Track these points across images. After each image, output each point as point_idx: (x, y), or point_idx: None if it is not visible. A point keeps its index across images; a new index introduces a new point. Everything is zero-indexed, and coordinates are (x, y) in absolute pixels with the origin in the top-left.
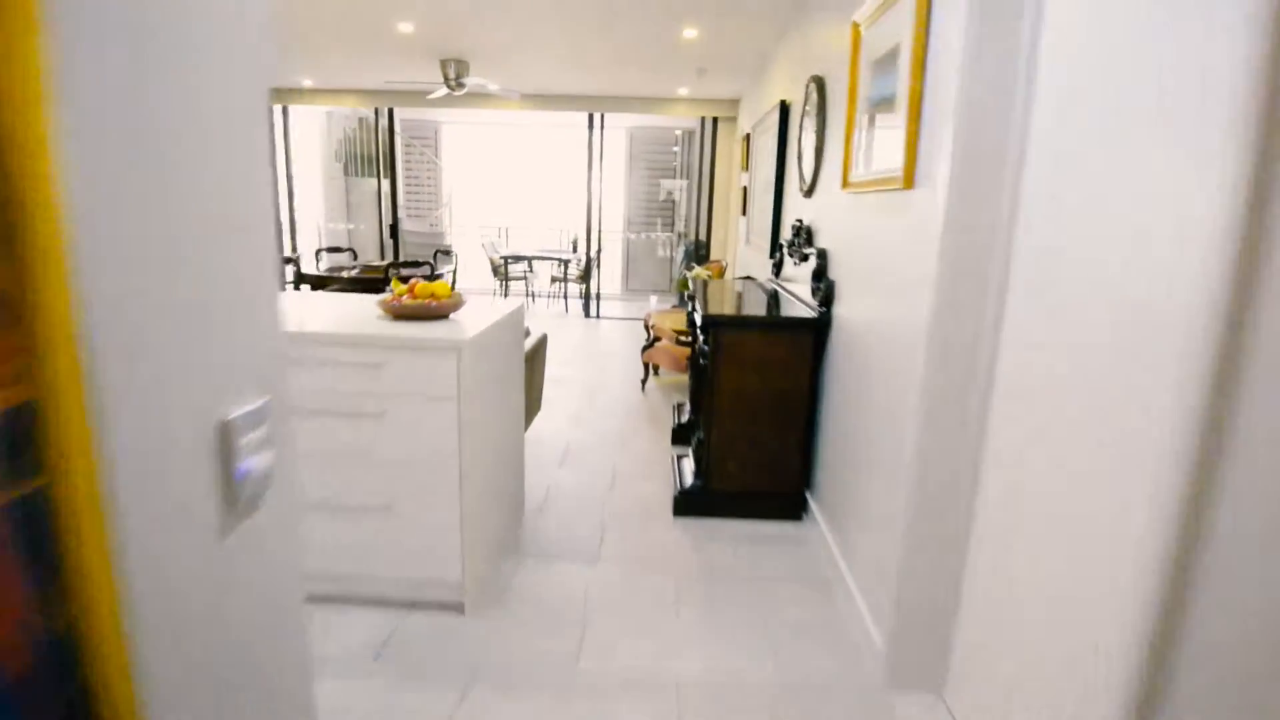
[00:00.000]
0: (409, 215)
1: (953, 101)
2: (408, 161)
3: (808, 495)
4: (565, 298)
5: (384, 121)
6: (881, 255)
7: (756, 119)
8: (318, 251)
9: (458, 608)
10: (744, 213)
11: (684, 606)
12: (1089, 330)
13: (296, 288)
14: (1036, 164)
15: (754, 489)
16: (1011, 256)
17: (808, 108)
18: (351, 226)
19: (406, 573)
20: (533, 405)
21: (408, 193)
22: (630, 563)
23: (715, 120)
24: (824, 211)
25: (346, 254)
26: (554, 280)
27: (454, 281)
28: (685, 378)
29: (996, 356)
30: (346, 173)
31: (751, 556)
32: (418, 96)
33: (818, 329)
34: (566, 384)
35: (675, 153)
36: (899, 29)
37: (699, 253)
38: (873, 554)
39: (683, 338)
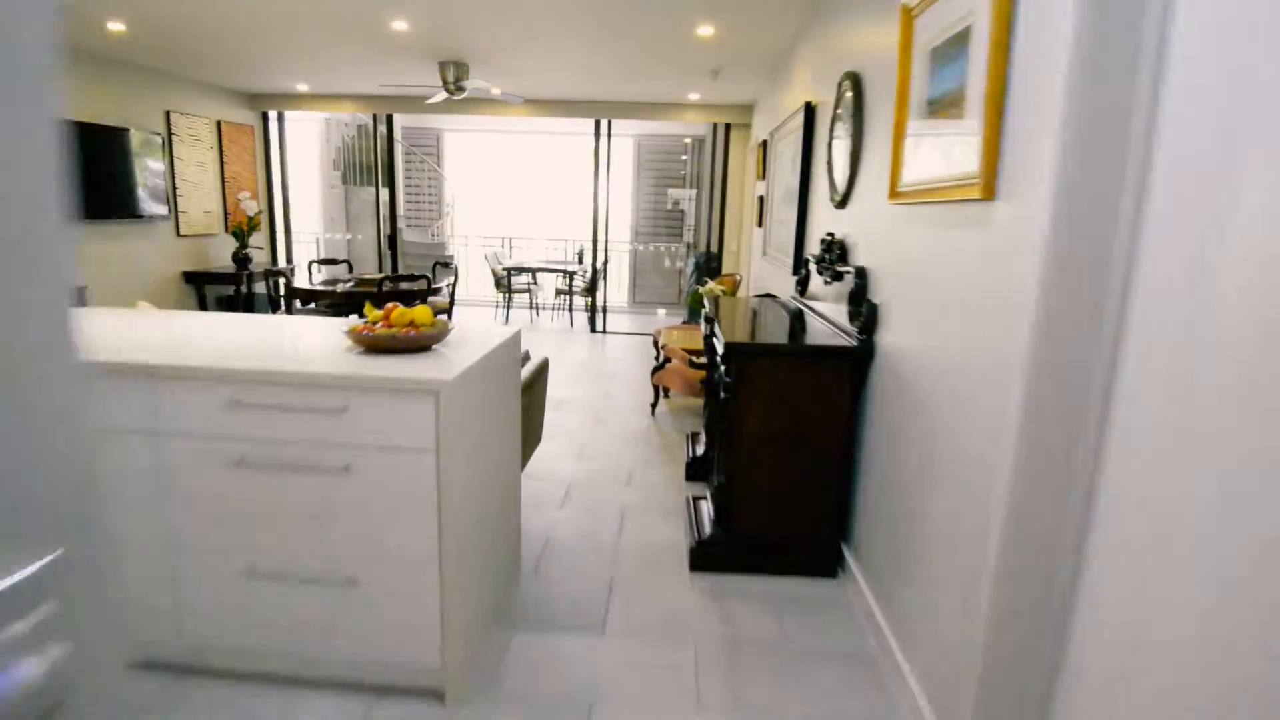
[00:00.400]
0: (409, 225)
1: (1057, 95)
2: (408, 170)
3: (844, 548)
4: (570, 311)
5: (382, 128)
6: (947, 275)
7: (775, 124)
8: (310, 264)
9: (437, 695)
10: (760, 224)
11: (706, 692)
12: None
13: (287, 304)
14: (1172, 162)
15: (782, 540)
16: (1136, 262)
17: (839, 110)
18: (350, 237)
19: (376, 653)
20: (531, 438)
21: (408, 202)
22: (642, 633)
23: (728, 127)
24: (863, 225)
25: (342, 266)
26: (559, 293)
27: (453, 295)
28: (699, 401)
29: (1115, 381)
30: (345, 181)
31: (782, 624)
32: (417, 102)
33: (857, 359)
34: (570, 408)
35: (684, 161)
36: (969, 9)
37: (710, 265)
38: (931, 626)
39: (695, 359)
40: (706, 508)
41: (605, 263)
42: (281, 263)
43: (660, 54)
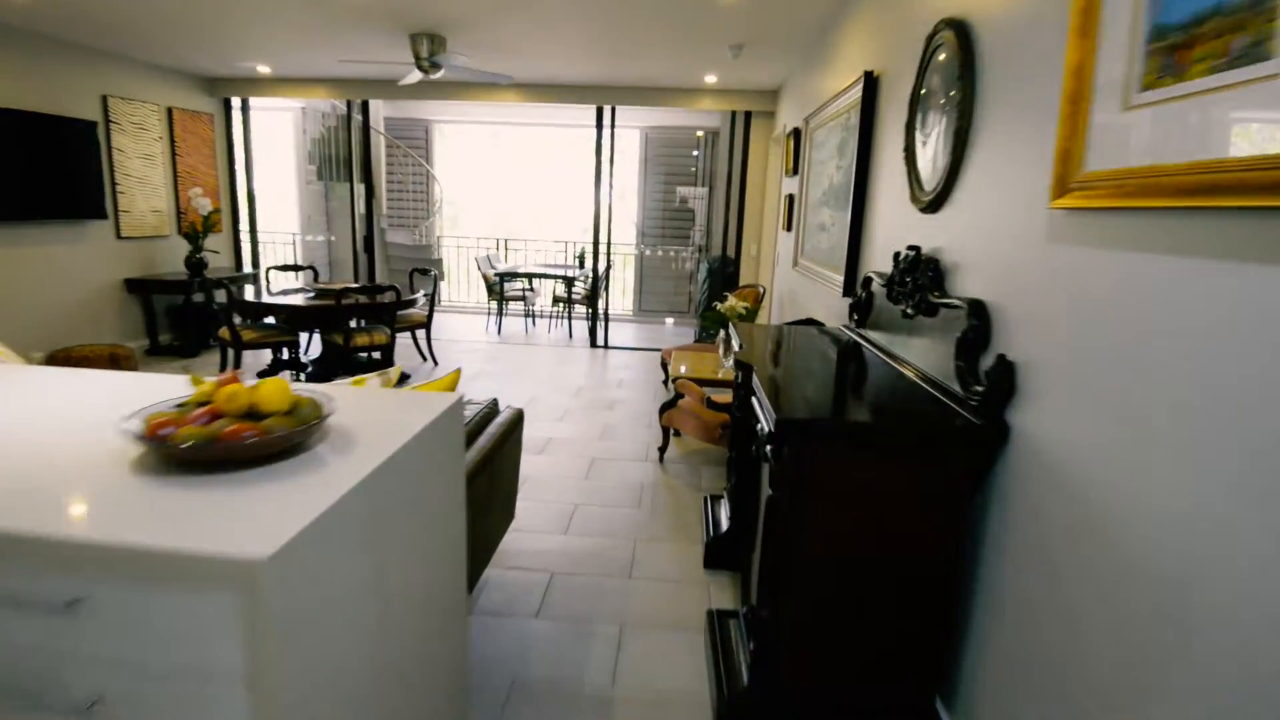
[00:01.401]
0: (393, 226)
1: None
2: (392, 166)
3: (941, 712)
4: (570, 320)
5: (358, 116)
6: (1217, 342)
7: (811, 108)
8: (268, 270)
9: None
10: (788, 227)
11: None
12: None
13: (227, 321)
14: None
15: (849, 698)
16: None
17: (929, 78)
18: (324, 239)
19: None
20: (497, 520)
21: (392, 201)
22: None
23: (748, 116)
24: (978, 237)
25: (306, 273)
26: (557, 300)
27: (432, 307)
28: (716, 444)
29: None
30: (321, 177)
31: None
32: (396, 88)
33: (978, 445)
34: (560, 451)
35: (695, 157)
36: None
37: (725, 271)
38: None
39: (710, 393)
40: (738, 635)
41: (608, 268)
42: (247, 267)
43: (672, 25)
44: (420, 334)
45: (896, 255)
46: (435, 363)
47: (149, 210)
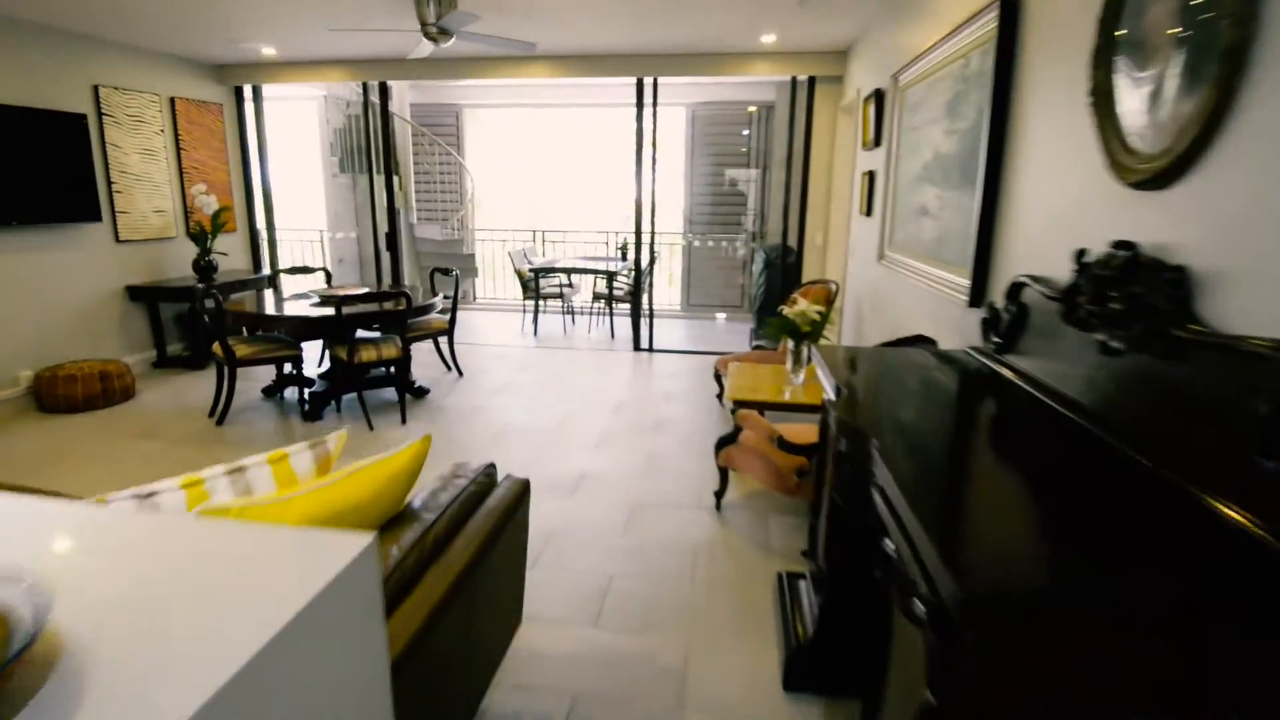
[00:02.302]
0: (423, 219)
1: None
2: (419, 155)
3: None
4: (611, 317)
5: (375, 99)
6: None
7: (904, 60)
8: (275, 274)
9: None
10: (867, 211)
11: None
12: None
13: (209, 339)
14: None
15: None
16: None
17: None
18: (354, 236)
19: None
20: (494, 634)
21: (420, 193)
22: None
23: (811, 82)
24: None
25: (317, 274)
26: (597, 298)
27: (454, 313)
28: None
29: None
30: (344, 169)
31: None
32: (410, 65)
33: None
34: (593, 494)
35: (746, 136)
36: None
37: (786, 262)
38: None
39: (778, 418)
40: None
41: (652, 261)
42: (266, 269)
43: None
44: (444, 340)
45: (1080, 255)
46: (460, 372)
47: (151, 210)
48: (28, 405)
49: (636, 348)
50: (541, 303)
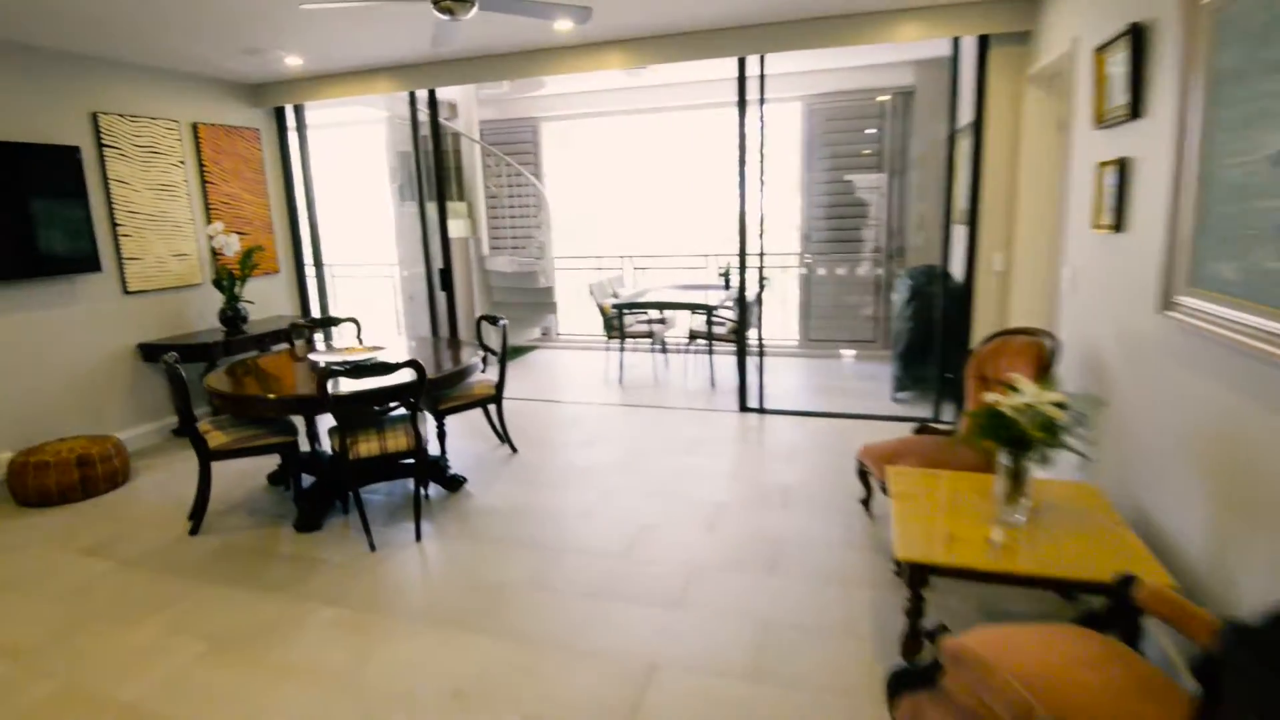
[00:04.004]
0: (494, 251)
1: None
2: (491, 178)
3: None
4: (711, 357)
5: (424, 113)
6: None
7: None
8: (292, 327)
9: None
10: (1115, 225)
11: None
12: None
13: (183, 416)
14: None
15: None
16: None
17: None
18: (413, 271)
19: None
20: None
21: (492, 221)
22: None
23: (983, 45)
24: None
25: (346, 325)
26: (693, 336)
27: (503, 372)
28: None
29: None
30: (403, 196)
31: None
32: (459, 68)
33: None
34: (668, 703)
35: (873, 134)
36: None
37: (948, 292)
38: None
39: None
40: None
41: (762, 288)
42: (315, 311)
43: None
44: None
45: None
46: (513, 448)
47: (170, 255)
48: (1, 497)
49: (743, 407)
50: (631, 339)
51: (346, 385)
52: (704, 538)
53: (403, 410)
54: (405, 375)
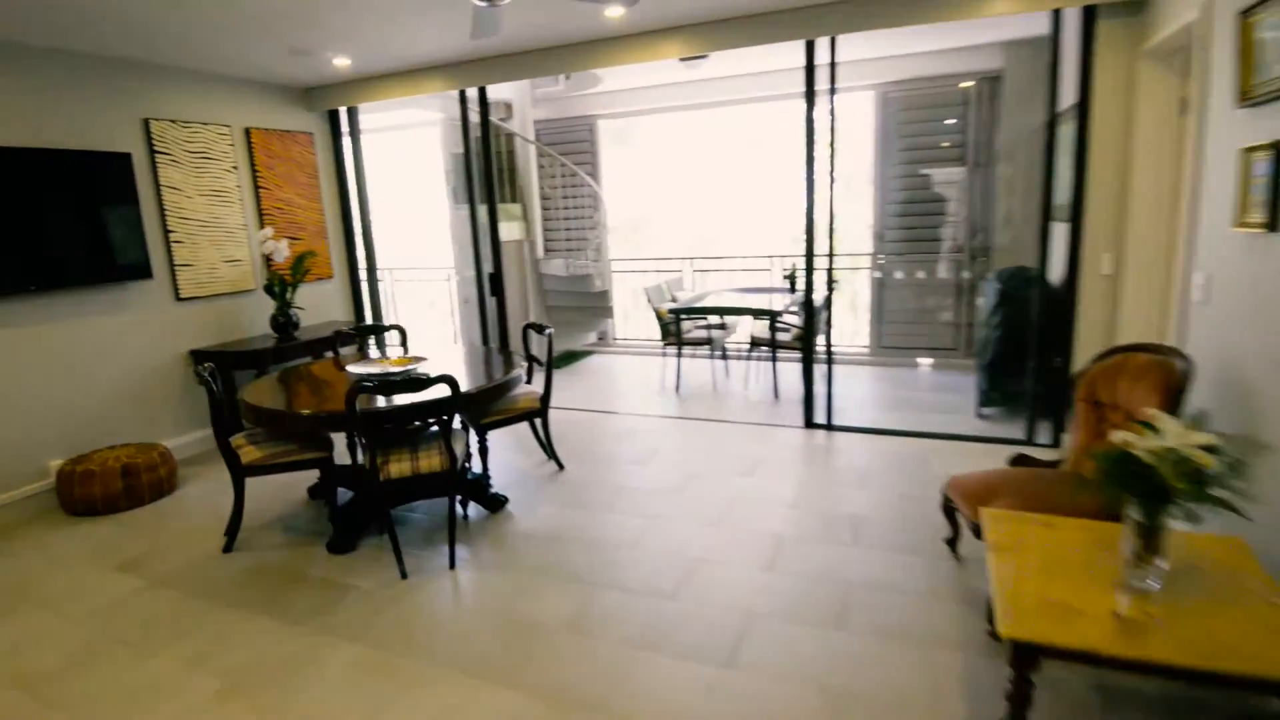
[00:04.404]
0: (550, 254)
1: None
2: (546, 179)
3: None
4: (774, 365)
5: (474, 114)
6: None
7: None
8: (336, 334)
9: None
10: (1270, 224)
11: None
12: None
13: (218, 429)
14: None
15: None
16: None
17: None
18: (467, 275)
19: None
20: None
21: (549, 223)
22: None
23: (1089, 17)
24: None
25: (390, 335)
26: (755, 344)
27: (548, 384)
28: None
29: None
30: (457, 199)
31: None
32: (510, 64)
33: None
34: None
35: (954, 124)
36: None
37: (1045, 296)
38: None
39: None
40: None
41: (831, 290)
42: (368, 321)
43: None
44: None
45: None
46: (559, 464)
47: (222, 261)
48: (50, 505)
49: (809, 423)
50: (689, 346)
51: (383, 399)
52: (761, 578)
53: (441, 426)
54: (439, 390)
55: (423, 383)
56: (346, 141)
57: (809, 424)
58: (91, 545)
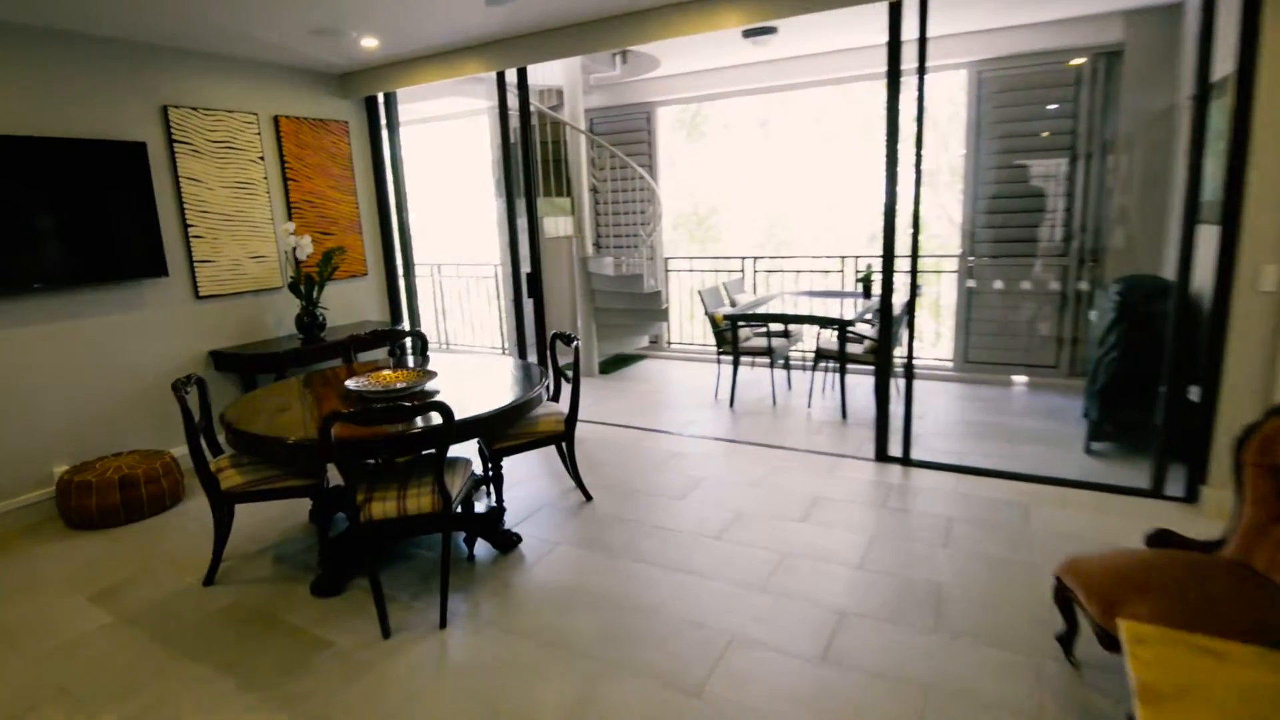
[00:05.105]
0: (600, 252)
1: None
2: (599, 173)
3: None
4: (843, 378)
5: (513, 96)
6: None
7: None
8: (351, 339)
9: None
10: None
11: None
12: None
13: (195, 453)
14: None
15: None
16: None
17: None
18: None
19: None
20: None
21: (603, 218)
22: None
23: None
24: None
25: (407, 342)
26: (821, 356)
27: (574, 408)
28: None
29: None
30: (499, 193)
31: None
32: (554, 41)
33: None
34: None
35: (1063, 106)
36: None
37: (1182, 312)
38: None
39: None
40: None
41: (914, 296)
42: (404, 321)
43: None
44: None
45: None
46: (587, 495)
47: (246, 257)
48: (50, 514)
49: (881, 454)
50: (740, 358)
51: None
52: (815, 672)
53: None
54: (433, 417)
55: (409, 411)
56: (385, 132)
57: (881, 456)
58: (74, 567)
